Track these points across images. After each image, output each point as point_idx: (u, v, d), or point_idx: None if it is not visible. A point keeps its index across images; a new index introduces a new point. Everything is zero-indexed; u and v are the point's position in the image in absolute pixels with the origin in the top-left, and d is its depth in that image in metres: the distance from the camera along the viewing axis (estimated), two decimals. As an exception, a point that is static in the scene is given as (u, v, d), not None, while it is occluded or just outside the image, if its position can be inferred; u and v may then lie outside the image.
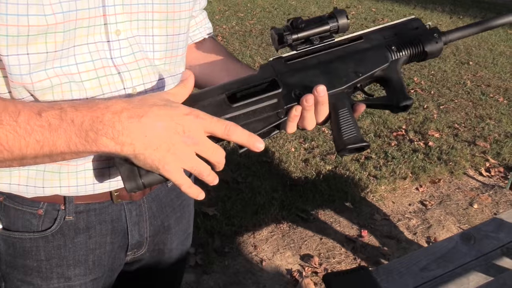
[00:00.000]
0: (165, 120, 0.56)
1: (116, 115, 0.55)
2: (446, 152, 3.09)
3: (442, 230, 2.46)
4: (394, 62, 0.73)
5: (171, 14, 0.74)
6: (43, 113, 0.55)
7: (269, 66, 0.71)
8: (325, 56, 0.72)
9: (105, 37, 0.67)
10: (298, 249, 2.29)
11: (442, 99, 3.85)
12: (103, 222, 0.80)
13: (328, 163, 2.93)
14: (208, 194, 2.60)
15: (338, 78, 0.70)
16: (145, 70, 0.73)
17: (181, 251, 0.99)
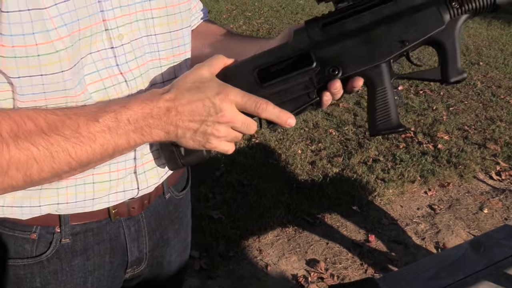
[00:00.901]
0: (198, 105, 0.61)
1: (161, 109, 0.60)
2: (456, 155, 3.04)
3: (451, 235, 2.41)
4: (453, 23, 0.61)
5: (171, 9, 0.71)
6: (100, 119, 0.58)
7: (304, 33, 0.63)
8: (368, 18, 0.62)
9: (108, 44, 0.64)
10: (304, 253, 2.26)
11: (451, 100, 3.79)
12: (101, 241, 0.77)
13: (335, 165, 2.89)
14: (214, 197, 2.58)
15: (380, 49, 0.62)
16: (152, 72, 0.70)
17: (180, 263, 0.96)
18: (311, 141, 3.16)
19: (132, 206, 0.78)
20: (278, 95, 0.63)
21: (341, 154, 3.03)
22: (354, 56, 0.62)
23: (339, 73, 0.63)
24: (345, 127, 3.34)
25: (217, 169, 2.80)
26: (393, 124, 0.63)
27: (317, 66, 0.63)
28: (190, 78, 0.62)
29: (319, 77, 0.63)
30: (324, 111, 3.54)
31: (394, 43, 0.62)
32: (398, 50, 0.62)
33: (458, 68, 0.63)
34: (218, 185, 2.67)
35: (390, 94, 0.64)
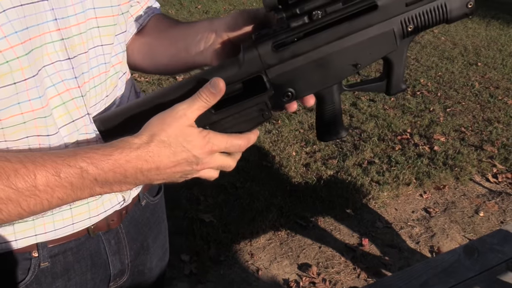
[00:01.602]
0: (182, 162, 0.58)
1: (138, 171, 0.56)
2: (452, 157, 3.00)
3: (446, 239, 2.38)
4: (404, 43, 0.62)
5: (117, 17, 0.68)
6: (61, 174, 0.54)
7: (255, 52, 0.60)
8: (322, 39, 0.60)
9: (63, 55, 0.60)
10: (296, 257, 2.23)
11: (449, 101, 3.76)
12: (82, 259, 0.74)
13: (329, 167, 2.86)
14: (206, 200, 2.55)
15: (333, 72, 0.62)
16: (109, 81, 0.67)
17: (160, 268, 0.95)
18: (306, 143, 3.13)
19: (111, 219, 0.76)
20: (232, 118, 0.62)
21: (336, 156, 2.99)
22: (307, 80, 0.62)
23: (292, 97, 0.63)
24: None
25: (210, 172, 2.77)
26: (339, 132, 0.66)
27: (271, 90, 0.62)
28: (171, 132, 0.56)
29: (273, 101, 0.63)
30: (320, 112, 3.51)
31: (347, 66, 0.62)
32: (351, 73, 0.63)
33: (401, 85, 0.64)
34: (211, 188, 2.63)
35: (338, 107, 0.65)
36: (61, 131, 0.63)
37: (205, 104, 0.58)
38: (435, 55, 4.71)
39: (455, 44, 5.02)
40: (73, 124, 0.64)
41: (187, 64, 0.74)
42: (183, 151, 0.56)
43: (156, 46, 0.79)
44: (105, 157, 0.55)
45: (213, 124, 0.61)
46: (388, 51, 0.62)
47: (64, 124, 0.63)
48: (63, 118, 0.62)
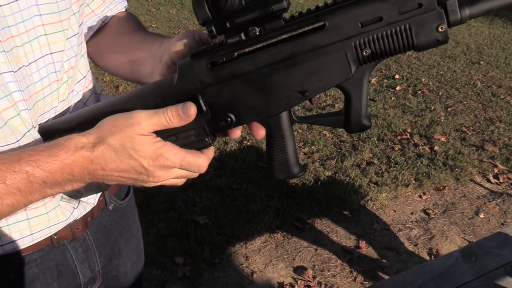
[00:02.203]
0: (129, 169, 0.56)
1: (85, 170, 0.55)
2: (452, 157, 2.95)
3: (445, 241, 2.33)
4: (361, 71, 0.53)
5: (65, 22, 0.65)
6: (7, 181, 0.52)
7: (191, 71, 0.55)
8: (263, 59, 0.53)
9: (7, 67, 0.57)
10: (291, 260, 2.19)
11: (450, 100, 3.71)
12: (47, 270, 0.71)
13: (327, 168, 2.82)
14: (201, 202, 2.52)
15: (277, 99, 0.55)
16: (63, 88, 0.64)
17: (135, 272, 0.93)
18: (304, 143, 3.09)
19: (76, 228, 0.73)
20: (171, 141, 0.57)
21: (335, 156, 2.95)
22: (248, 105, 0.56)
23: (232, 123, 0.57)
24: (340, 128, 3.26)
25: (206, 173, 2.73)
26: (293, 171, 0.59)
27: (207, 113, 0.56)
28: (119, 137, 0.53)
29: (211, 125, 0.57)
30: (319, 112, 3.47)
31: (294, 93, 0.54)
32: (298, 101, 0.55)
33: (362, 121, 0.56)
34: (207, 189, 2.61)
35: (290, 141, 0.58)
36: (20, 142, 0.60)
37: (166, 123, 0.54)
38: (437, 53, 4.65)
39: (457, 42, 4.96)
40: (29, 133, 0.61)
41: (134, 78, 0.73)
42: (130, 159, 0.54)
43: (111, 50, 0.77)
44: (51, 158, 0.53)
45: None
46: (341, 79, 0.54)
47: (21, 136, 0.60)
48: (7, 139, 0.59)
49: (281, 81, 0.54)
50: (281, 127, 0.58)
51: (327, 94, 3.73)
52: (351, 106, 0.55)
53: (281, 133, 0.58)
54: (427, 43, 0.51)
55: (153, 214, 2.39)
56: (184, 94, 0.56)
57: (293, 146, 0.59)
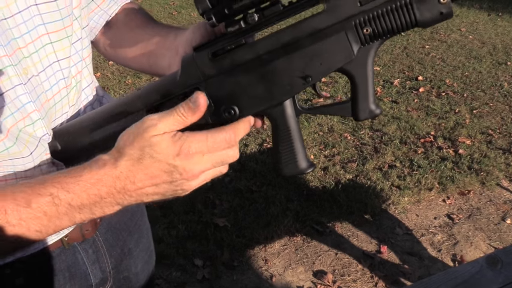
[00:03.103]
0: (158, 173, 0.53)
1: (112, 188, 0.52)
2: (478, 160, 2.88)
3: (470, 247, 2.27)
4: (364, 52, 0.52)
5: (69, 29, 0.65)
6: (33, 204, 0.51)
7: (193, 63, 0.55)
8: (263, 46, 0.53)
9: (18, 80, 0.57)
10: (311, 264, 2.17)
11: (475, 102, 3.61)
12: (59, 272, 0.72)
13: (348, 171, 2.78)
14: (221, 204, 2.52)
15: (279, 86, 0.54)
16: (72, 93, 0.65)
17: (147, 272, 0.93)
18: (325, 145, 3.07)
19: (85, 229, 0.73)
20: None
21: (356, 159, 2.91)
22: (250, 95, 0.54)
23: (235, 114, 0.55)
24: (361, 131, 3.22)
25: (226, 175, 2.74)
26: (301, 166, 0.56)
27: (211, 106, 0.55)
28: (137, 144, 0.52)
29: (214, 117, 0.56)
30: (340, 114, 3.43)
31: (296, 79, 0.53)
32: (301, 87, 0.54)
33: (370, 106, 0.53)
34: (226, 192, 2.61)
35: (296, 133, 0.56)
36: (33, 154, 0.61)
37: (181, 120, 0.53)
38: (462, 54, 4.55)
39: (483, 42, 4.84)
40: (42, 142, 0.61)
41: (152, 71, 0.72)
42: (155, 163, 0.52)
43: (123, 44, 0.77)
44: (74, 179, 0.51)
45: None
46: (343, 61, 0.52)
47: (34, 148, 0.61)
48: (30, 141, 0.60)
49: (282, 67, 0.53)
50: (286, 118, 0.56)
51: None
52: (357, 91, 0.54)
53: (286, 125, 0.56)
54: (431, 17, 0.50)
55: (173, 215, 2.40)
56: (187, 87, 0.55)
57: (300, 139, 0.57)
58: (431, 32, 5.21)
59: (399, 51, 4.64)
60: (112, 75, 4.07)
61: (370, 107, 0.53)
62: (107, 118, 0.58)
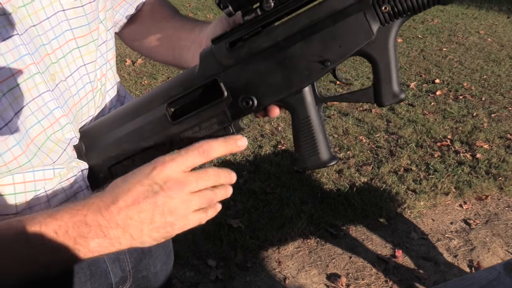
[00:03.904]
0: (137, 189, 0.50)
1: (97, 212, 0.50)
2: (496, 165, 2.83)
3: (487, 253, 2.24)
4: (385, 32, 0.50)
5: (95, 33, 0.66)
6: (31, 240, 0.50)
7: (211, 56, 0.55)
8: (280, 32, 0.52)
9: (45, 87, 0.58)
10: (325, 267, 2.16)
11: (494, 106, 3.56)
12: (80, 270, 0.72)
13: (363, 174, 2.76)
14: (235, 205, 2.53)
15: (297, 72, 0.52)
16: (98, 96, 0.66)
17: (165, 272, 0.93)
18: (339, 148, 3.05)
19: None
20: (192, 131, 0.56)
21: (371, 162, 2.89)
22: (268, 83, 0.53)
23: (253, 104, 0.54)
24: (377, 134, 3.20)
25: (240, 176, 2.75)
26: (323, 158, 0.54)
27: (229, 97, 0.54)
28: (117, 180, 0.52)
29: (232, 110, 0.55)
30: (356, 117, 3.41)
31: (314, 64, 0.51)
32: (320, 72, 0.52)
33: (394, 90, 0.51)
34: (240, 193, 2.61)
35: (317, 122, 0.54)
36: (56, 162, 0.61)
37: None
38: (480, 57, 4.48)
39: (502, 45, 4.76)
40: (65, 153, 0.62)
41: (176, 64, 0.73)
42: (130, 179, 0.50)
43: (148, 37, 0.77)
44: (65, 207, 0.51)
45: (173, 137, 0.56)
46: (363, 42, 0.50)
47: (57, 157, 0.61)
48: (55, 150, 0.61)
49: (300, 52, 0.52)
50: (306, 107, 0.54)
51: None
52: (379, 74, 0.51)
53: (306, 114, 0.54)
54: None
55: (187, 216, 2.41)
56: (204, 79, 0.55)
57: (321, 129, 0.55)
58: (449, 35, 5.15)
59: (415, 54, 4.60)
60: (129, 76, 4.11)
61: (394, 91, 0.51)
62: (129, 115, 0.58)
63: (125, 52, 4.50)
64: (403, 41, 5.00)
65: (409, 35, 5.18)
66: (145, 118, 0.57)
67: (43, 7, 0.58)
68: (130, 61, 4.45)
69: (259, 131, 3.23)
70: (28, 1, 0.56)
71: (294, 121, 0.56)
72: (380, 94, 0.52)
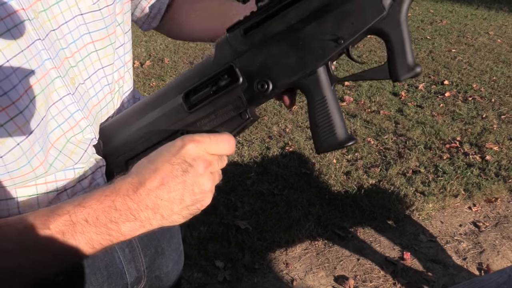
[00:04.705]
0: (166, 168, 0.50)
1: (126, 196, 0.50)
2: (506, 167, 2.80)
3: (496, 256, 2.22)
4: (397, 7, 0.50)
5: (113, 37, 0.67)
6: (51, 225, 0.49)
7: (226, 44, 0.56)
8: (293, 15, 0.52)
9: (65, 91, 0.59)
10: (332, 269, 2.16)
11: (504, 108, 3.53)
12: (97, 271, 0.73)
13: (371, 176, 2.75)
14: (242, 207, 2.53)
15: (311, 52, 0.53)
16: (116, 98, 0.67)
17: (176, 272, 0.94)
18: (347, 150, 3.04)
19: None
20: (208, 119, 0.57)
21: (379, 164, 2.88)
22: (283, 64, 0.53)
23: (268, 87, 0.55)
24: (385, 135, 3.19)
25: (248, 178, 2.75)
26: (340, 138, 0.54)
27: (244, 81, 0.55)
28: (142, 161, 0.52)
29: (248, 94, 0.55)
30: (364, 118, 3.40)
31: (327, 42, 0.52)
32: (333, 50, 0.52)
33: (409, 63, 0.51)
34: (248, 194, 2.62)
35: (333, 103, 0.54)
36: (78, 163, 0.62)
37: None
38: (490, 58, 4.45)
39: (512, 46, 4.72)
40: (86, 154, 0.63)
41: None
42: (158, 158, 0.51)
43: (191, 19, 0.78)
44: (91, 194, 0.51)
45: (190, 126, 0.57)
46: (375, 18, 0.50)
47: (78, 159, 0.62)
48: (76, 151, 0.61)
49: (313, 32, 0.52)
50: (321, 88, 0.54)
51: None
52: (393, 49, 0.51)
53: (322, 94, 0.55)
54: None
55: (195, 217, 2.42)
56: (220, 66, 0.56)
57: (337, 110, 0.55)
58: (458, 36, 5.11)
59: (424, 55, 4.57)
60: (137, 78, 4.14)
61: (409, 63, 0.51)
62: (146, 109, 0.59)
63: (133, 53, 4.54)
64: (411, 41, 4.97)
65: (417, 36, 5.16)
66: (161, 109, 0.58)
67: (62, 11, 0.58)
68: (139, 63, 4.48)
69: (266, 132, 3.23)
70: (48, 6, 0.57)
71: (310, 103, 0.56)
72: (395, 68, 0.52)
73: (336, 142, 0.55)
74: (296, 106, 3.55)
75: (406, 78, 0.51)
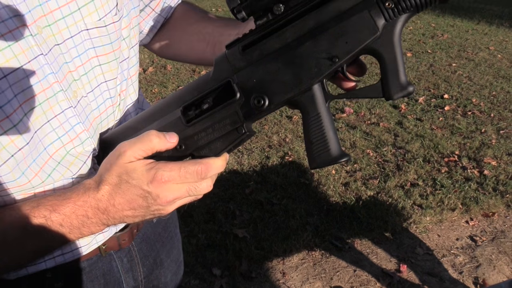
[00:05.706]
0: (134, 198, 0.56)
1: (96, 210, 0.57)
2: (504, 182, 2.82)
3: (492, 271, 2.22)
4: (390, 27, 0.52)
5: (118, 52, 0.68)
6: (28, 226, 0.56)
7: (224, 60, 0.57)
8: (290, 34, 0.54)
9: (67, 104, 0.60)
10: (329, 280, 2.17)
11: (503, 123, 3.55)
12: (95, 278, 0.75)
13: (370, 188, 2.77)
14: (241, 215, 2.54)
15: (307, 70, 0.54)
16: (117, 110, 0.68)
17: (175, 282, 0.95)
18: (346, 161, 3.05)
19: (122, 239, 0.76)
20: (206, 133, 0.58)
21: (377, 176, 2.90)
22: (279, 81, 0.55)
23: (265, 103, 0.56)
24: (384, 148, 3.21)
25: (247, 186, 2.77)
26: (334, 154, 0.55)
27: (241, 97, 0.57)
28: (115, 171, 0.55)
29: (244, 109, 0.57)
30: (363, 130, 3.42)
31: (322, 60, 0.54)
32: (328, 68, 0.54)
33: (402, 82, 0.53)
34: (247, 203, 2.63)
35: (327, 119, 0.56)
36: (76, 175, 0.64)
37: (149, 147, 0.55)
38: (489, 73, 4.48)
39: (512, 62, 4.76)
40: (85, 165, 0.65)
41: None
42: (130, 188, 0.55)
43: (183, 39, 0.80)
44: (65, 201, 0.56)
45: (188, 140, 0.58)
46: (369, 38, 0.52)
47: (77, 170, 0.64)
48: (75, 163, 0.63)
49: (309, 50, 0.54)
50: (316, 104, 0.56)
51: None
52: (386, 69, 0.53)
53: (316, 111, 0.56)
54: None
55: (193, 224, 2.44)
56: (218, 81, 0.57)
57: (331, 127, 0.56)
58: (458, 50, 5.16)
59: (424, 69, 4.61)
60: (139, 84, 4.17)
61: (401, 83, 0.52)
62: (145, 121, 0.61)
63: (136, 60, 4.56)
64: (412, 55, 5.01)
65: (418, 49, 5.20)
66: (160, 122, 0.60)
67: (68, 26, 0.60)
68: (141, 69, 4.51)
69: (266, 142, 3.25)
70: (53, 21, 0.58)
71: (304, 119, 0.57)
72: (388, 87, 0.53)
73: (329, 158, 0.56)
74: (296, 117, 3.57)
75: (399, 97, 0.53)
